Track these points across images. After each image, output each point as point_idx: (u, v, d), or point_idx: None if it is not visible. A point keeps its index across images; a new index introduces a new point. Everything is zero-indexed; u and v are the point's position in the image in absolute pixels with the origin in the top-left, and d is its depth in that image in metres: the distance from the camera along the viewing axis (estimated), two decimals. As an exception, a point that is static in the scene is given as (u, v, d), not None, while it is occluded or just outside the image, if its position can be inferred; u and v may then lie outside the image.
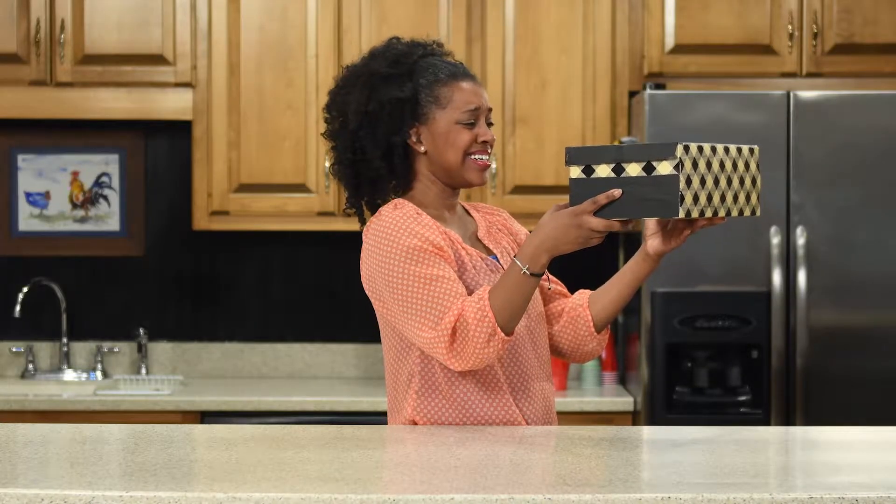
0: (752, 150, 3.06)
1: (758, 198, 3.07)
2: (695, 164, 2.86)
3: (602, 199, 2.88)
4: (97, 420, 5.01)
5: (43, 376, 5.65)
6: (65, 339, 5.66)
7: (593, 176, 2.89)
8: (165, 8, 5.36)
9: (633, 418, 5.12)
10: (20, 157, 5.72)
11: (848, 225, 4.96)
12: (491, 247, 3.21)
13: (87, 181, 5.72)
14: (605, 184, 2.88)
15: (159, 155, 5.73)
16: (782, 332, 4.95)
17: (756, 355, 4.98)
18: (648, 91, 5.00)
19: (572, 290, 3.34)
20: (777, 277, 4.93)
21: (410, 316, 3.01)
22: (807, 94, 4.99)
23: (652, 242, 3.10)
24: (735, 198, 2.99)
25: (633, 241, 5.24)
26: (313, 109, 5.35)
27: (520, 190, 5.35)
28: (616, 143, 2.79)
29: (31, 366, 5.66)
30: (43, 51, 5.33)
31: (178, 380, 5.56)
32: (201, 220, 5.39)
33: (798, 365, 4.93)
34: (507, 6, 5.35)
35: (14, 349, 5.69)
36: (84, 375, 5.65)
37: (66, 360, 5.66)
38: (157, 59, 5.36)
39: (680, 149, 2.82)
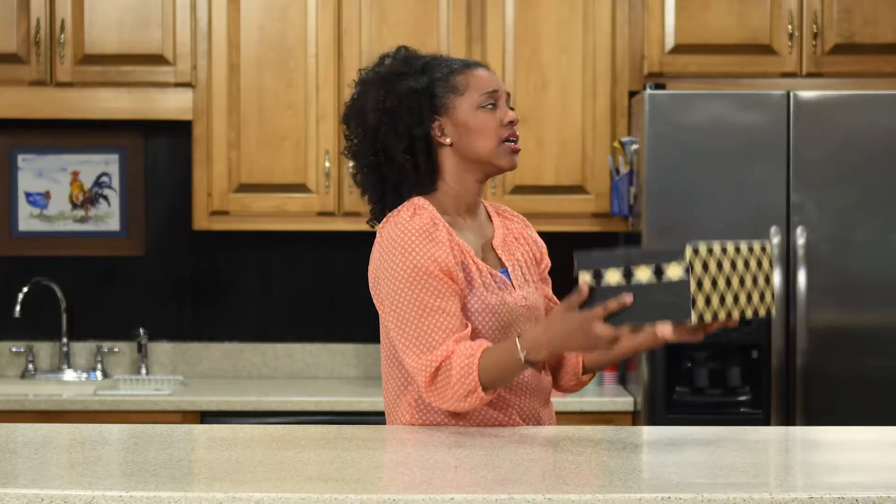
0: (763, 248, 3.02)
1: (772, 296, 3.01)
2: (705, 266, 2.82)
3: (613, 305, 2.83)
4: (97, 420, 5.00)
5: (43, 376, 5.65)
6: (65, 339, 5.66)
7: (603, 283, 2.85)
8: (165, 8, 5.36)
9: (633, 418, 5.12)
10: (20, 157, 5.72)
11: (848, 225, 4.96)
12: (504, 258, 3.17)
13: (87, 181, 5.72)
14: (616, 291, 2.84)
15: (159, 155, 5.73)
16: (782, 332, 4.95)
17: (756, 355, 4.98)
18: (648, 91, 5.00)
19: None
20: (777, 277, 4.93)
21: (402, 336, 3.01)
22: (807, 94, 4.99)
23: (662, 329, 2.98)
24: (749, 298, 2.94)
25: (633, 241, 5.24)
26: (313, 109, 5.35)
27: (520, 190, 5.35)
28: (622, 250, 2.74)
29: (31, 366, 5.66)
30: (43, 51, 5.33)
31: (178, 380, 5.56)
32: (201, 220, 5.39)
33: (798, 365, 4.93)
34: (507, 6, 5.35)
35: (14, 349, 5.69)
36: (84, 375, 5.65)
37: (66, 360, 5.66)
38: (157, 59, 5.36)
39: (689, 251, 2.79)
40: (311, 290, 5.74)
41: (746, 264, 2.95)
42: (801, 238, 4.94)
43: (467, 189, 3.15)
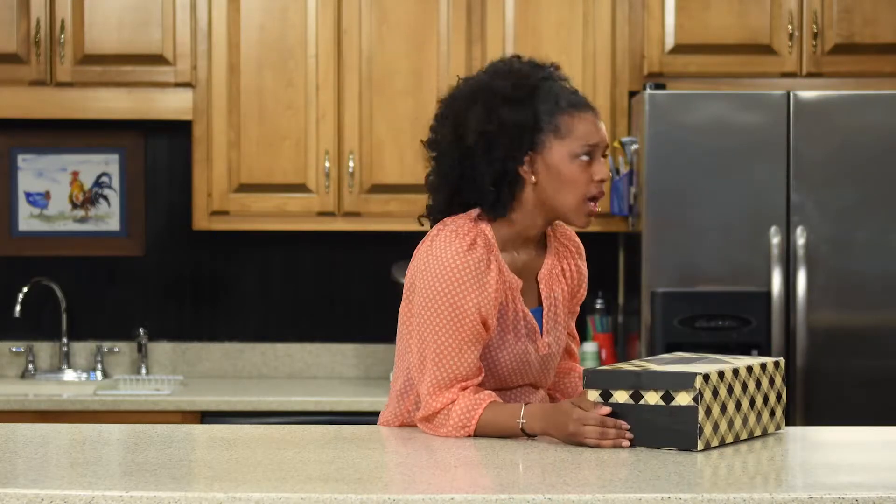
0: (777, 364, 2.99)
1: (782, 412, 3.01)
2: (715, 392, 2.81)
3: (609, 422, 2.83)
4: (97, 420, 5.00)
5: (43, 376, 5.65)
6: (65, 339, 5.66)
7: (611, 401, 2.84)
8: (165, 8, 5.35)
9: (633, 418, 5.11)
10: (20, 157, 5.72)
11: (848, 225, 4.96)
12: (544, 294, 3.12)
13: (87, 181, 5.72)
14: (623, 410, 2.83)
15: (159, 155, 5.73)
16: (782, 332, 4.95)
17: (756, 355, 4.97)
18: (648, 91, 5.00)
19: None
20: (777, 278, 4.93)
21: (419, 359, 3.01)
22: (807, 94, 4.99)
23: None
24: (758, 417, 2.94)
25: (633, 241, 5.24)
26: (313, 109, 5.35)
27: (520, 190, 5.34)
28: (634, 369, 2.71)
29: (31, 366, 5.66)
30: (43, 51, 5.33)
31: (178, 380, 5.56)
32: (201, 220, 5.39)
33: (798, 365, 4.93)
34: (507, 6, 5.35)
35: (14, 349, 5.69)
36: (84, 375, 5.65)
37: (66, 360, 5.66)
38: (157, 59, 5.35)
39: (699, 380, 2.77)
40: (311, 290, 5.74)
41: (758, 384, 2.93)
42: (801, 238, 4.94)
43: (534, 226, 3.08)
